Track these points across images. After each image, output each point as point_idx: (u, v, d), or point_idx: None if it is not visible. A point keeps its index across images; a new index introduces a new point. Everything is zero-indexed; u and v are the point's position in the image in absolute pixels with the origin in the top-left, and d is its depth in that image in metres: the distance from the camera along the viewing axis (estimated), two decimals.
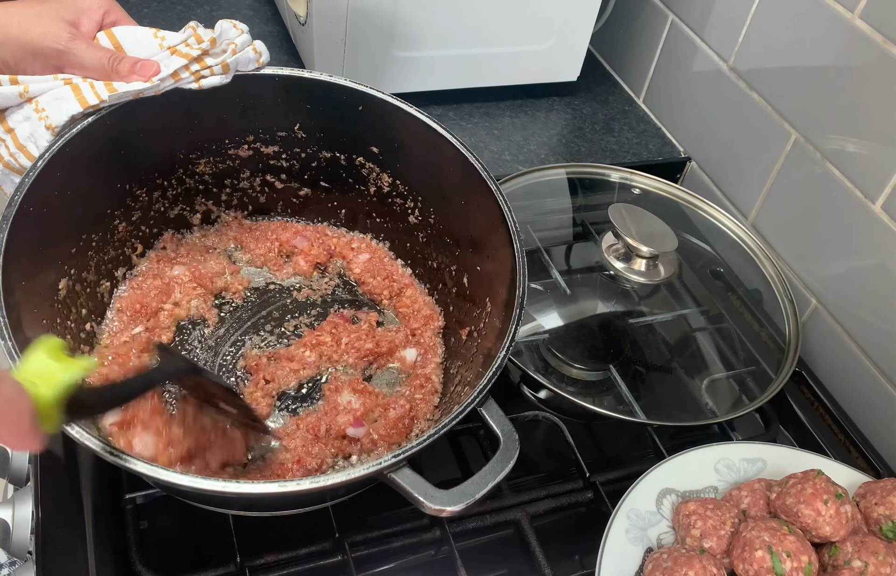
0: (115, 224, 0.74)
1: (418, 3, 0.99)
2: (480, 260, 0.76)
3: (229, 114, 0.77)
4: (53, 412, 0.45)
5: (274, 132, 0.80)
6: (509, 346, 0.62)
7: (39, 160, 0.63)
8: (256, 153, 0.81)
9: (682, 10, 1.10)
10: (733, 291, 0.96)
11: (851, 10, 0.83)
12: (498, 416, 0.59)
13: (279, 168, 0.83)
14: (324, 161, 0.82)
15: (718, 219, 1.01)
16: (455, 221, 0.78)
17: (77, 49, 0.65)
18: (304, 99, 0.78)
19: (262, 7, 1.20)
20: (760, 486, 0.68)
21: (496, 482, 0.55)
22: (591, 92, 1.22)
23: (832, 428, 0.86)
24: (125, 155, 0.72)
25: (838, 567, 0.62)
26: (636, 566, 0.64)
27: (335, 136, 0.81)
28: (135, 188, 0.75)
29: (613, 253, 0.92)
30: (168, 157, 0.77)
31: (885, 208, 0.82)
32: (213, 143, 0.78)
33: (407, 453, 0.54)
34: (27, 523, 0.65)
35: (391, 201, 0.83)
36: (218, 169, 0.81)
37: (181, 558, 0.64)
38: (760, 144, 0.98)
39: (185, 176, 0.79)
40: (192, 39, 0.69)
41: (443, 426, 0.57)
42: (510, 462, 0.56)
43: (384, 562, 0.67)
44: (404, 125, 0.77)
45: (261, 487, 0.52)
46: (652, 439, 0.78)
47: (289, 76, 0.76)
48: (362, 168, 0.82)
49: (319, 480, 0.53)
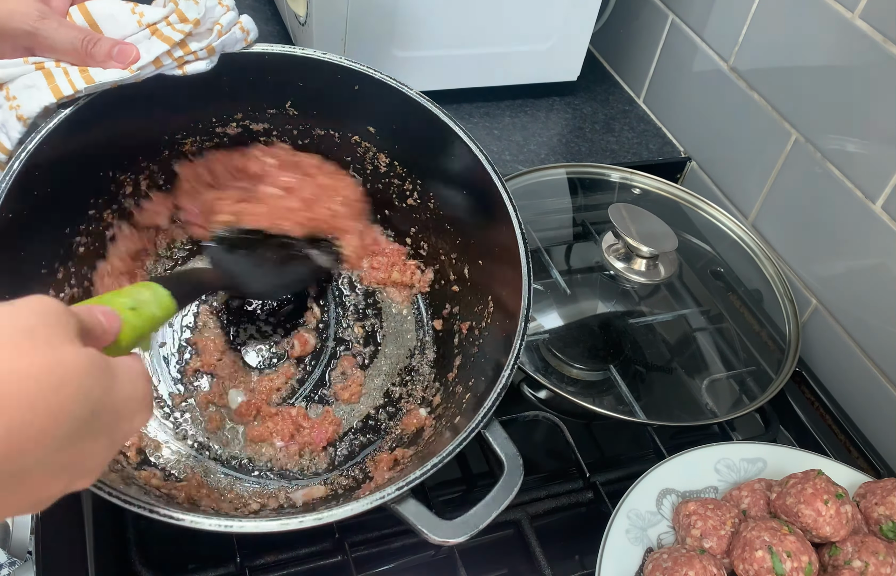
0: (101, 214, 0.71)
1: (418, 3, 0.99)
2: (483, 253, 0.75)
3: (217, 92, 0.72)
4: (171, 301, 0.50)
5: (264, 109, 0.76)
6: (513, 365, 0.62)
7: (16, 161, 0.58)
8: (245, 130, 0.77)
9: (682, 10, 1.10)
10: (733, 291, 0.96)
11: (851, 10, 0.83)
12: (502, 439, 0.59)
13: (269, 145, 0.78)
14: (317, 138, 0.79)
15: (718, 219, 1.01)
16: (457, 210, 0.77)
17: (47, 29, 0.59)
18: (297, 77, 0.74)
19: (262, 7, 1.20)
20: (760, 486, 0.68)
21: (500, 510, 0.55)
22: (591, 92, 1.22)
23: (832, 428, 0.86)
24: (106, 143, 0.68)
25: (838, 567, 0.62)
26: (636, 566, 0.64)
27: (329, 113, 0.77)
28: (119, 174, 0.71)
29: (613, 253, 0.92)
30: (152, 139, 0.73)
31: (885, 208, 0.82)
32: (200, 121, 0.74)
33: (410, 484, 0.54)
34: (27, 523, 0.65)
35: (388, 182, 0.81)
36: (205, 147, 0.76)
37: (181, 558, 0.64)
38: (760, 144, 0.98)
39: (170, 157, 0.74)
40: (174, 16, 0.62)
41: (447, 454, 0.57)
42: (514, 488, 0.56)
43: (384, 562, 0.67)
44: (401, 106, 0.74)
45: (262, 524, 0.52)
46: (652, 439, 0.78)
47: (280, 54, 0.72)
48: (358, 147, 0.79)
49: (323, 516, 0.53)
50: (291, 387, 0.74)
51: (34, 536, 0.62)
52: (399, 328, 0.80)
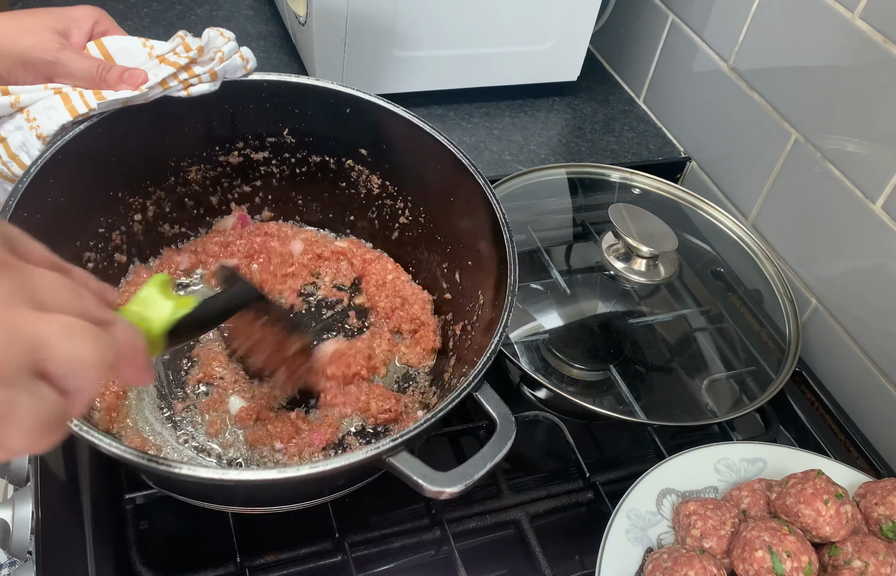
0: (110, 234, 0.75)
1: (418, 3, 0.99)
2: (471, 254, 0.76)
3: (219, 121, 0.77)
4: (160, 342, 0.50)
5: (263, 138, 0.80)
6: (502, 332, 0.63)
7: (33, 166, 0.64)
8: (247, 159, 0.81)
9: (682, 10, 1.10)
10: (733, 291, 0.96)
11: (851, 10, 0.83)
12: (494, 399, 0.59)
13: (270, 174, 0.83)
14: (314, 166, 0.83)
15: (718, 219, 1.01)
16: (445, 217, 0.79)
17: (66, 59, 0.67)
18: (293, 104, 0.79)
19: (262, 7, 1.20)
20: (760, 486, 0.68)
21: (494, 463, 0.55)
22: (591, 92, 1.22)
23: (832, 428, 0.86)
24: (117, 161, 0.73)
25: (838, 567, 0.62)
26: (636, 566, 0.64)
27: (324, 140, 0.81)
28: (127, 196, 0.75)
29: (613, 253, 0.92)
30: (159, 164, 0.77)
31: (885, 208, 0.82)
32: (204, 150, 0.79)
33: (404, 436, 0.55)
34: (27, 523, 0.65)
35: (381, 203, 0.83)
36: (209, 176, 0.81)
37: (181, 558, 0.64)
38: (760, 144, 0.98)
39: (176, 184, 0.79)
40: (181, 48, 0.70)
41: (439, 410, 0.57)
42: (507, 443, 0.56)
43: (384, 562, 0.67)
44: (390, 125, 0.78)
45: (260, 474, 0.52)
46: (652, 439, 0.78)
47: (276, 81, 0.77)
48: (351, 171, 0.82)
49: (318, 465, 0.53)
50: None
51: (34, 536, 0.62)
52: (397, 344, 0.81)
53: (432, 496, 0.54)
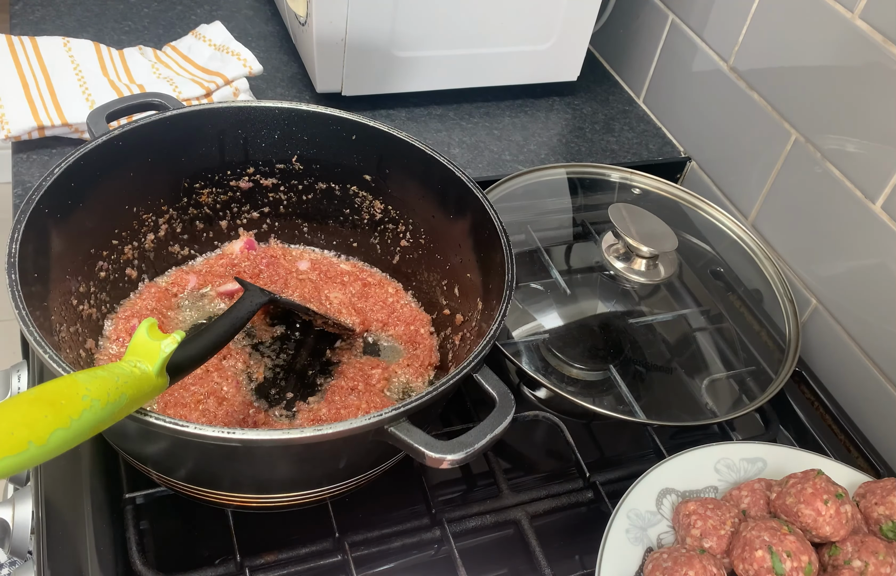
0: (123, 247, 0.76)
1: (418, 3, 0.99)
2: (470, 268, 0.76)
3: (232, 145, 0.79)
4: (161, 380, 0.52)
5: (273, 164, 0.82)
6: (502, 318, 0.63)
7: (56, 167, 0.65)
8: (256, 185, 0.82)
9: (682, 10, 1.10)
10: (733, 291, 0.96)
11: (851, 10, 0.83)
12: (493, 379, 0.60)
13: (278, 200, 0.84)
14: (319, 192, 0.84)
15: (718, 219, 1.01)
16: (445, 235, 0.79)
17: None
18: (302, 131, 0.80)
19: (262, 7, 1.20)
20: (760, 486, 0.68)
21: (495, 435, 0.56)
22: (591, 92, 1.22)
23: (832, 428, 0.86)
24: (133, 176, 0.74)
25: (838, 567, 0.62)
26: (636, 566, 0.64)
27: (330, 166, 0.82)
28: (142, 212, 0.77)
29: (613, 253, 0.92)
30: (174, 184, 0.79)
31: (885, 208, 0.82)
32: (217, 173, 0.80)
33: (407, 407, 0.55)
34: (27, 523, 0.65)
35: (383, 228, 0.84)
36: (219, 200, 0.82)
37: (181, 558, 0.64)
38: (760, 144, 0.99)
39: (189, 205, 0.80)
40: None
41: (441, 384, 0.58)
42: (508, 416, 0.57)
43: (384, 562, 0.67)
44: (393, 149, 0.79)
45: (265, 435, 0.53)
46: (652, 439, 0.78)
47: (287, 109, 0.79)
48: (356, 197, 0.84)
49: (323, 428, 0.53)
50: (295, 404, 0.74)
51: (34, 536, 0.62)
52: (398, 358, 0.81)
53: (433, 465, 0.54)
